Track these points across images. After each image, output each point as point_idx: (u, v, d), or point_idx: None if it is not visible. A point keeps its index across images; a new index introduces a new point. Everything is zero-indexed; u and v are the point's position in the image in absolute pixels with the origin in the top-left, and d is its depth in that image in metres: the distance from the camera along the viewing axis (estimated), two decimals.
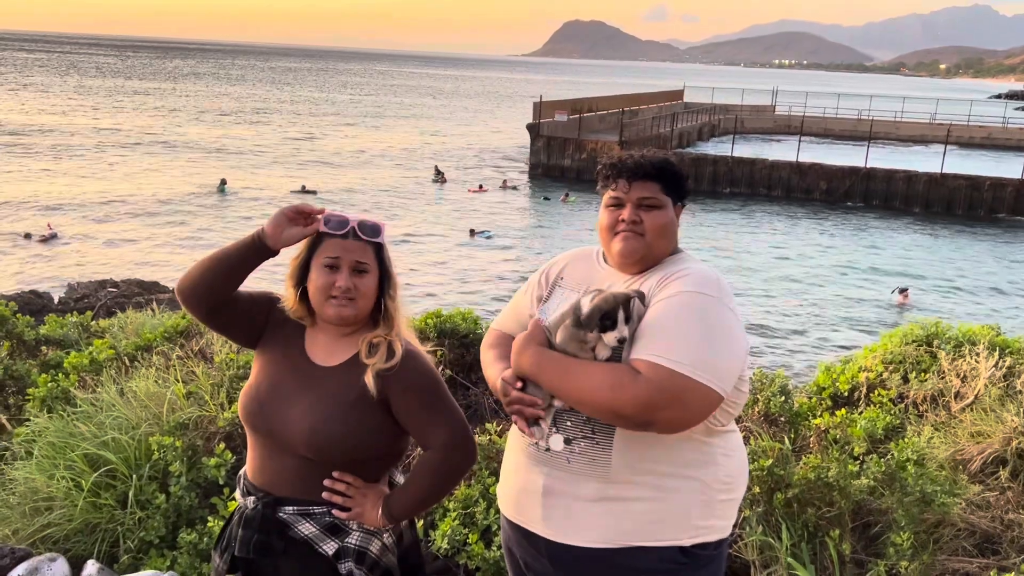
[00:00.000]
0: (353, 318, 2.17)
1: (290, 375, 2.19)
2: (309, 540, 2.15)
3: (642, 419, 1.97)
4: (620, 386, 1.96)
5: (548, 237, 28.67)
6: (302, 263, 2.19)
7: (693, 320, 2.03)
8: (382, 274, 2.20)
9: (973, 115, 66.02)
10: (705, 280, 2.10)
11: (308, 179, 36.41)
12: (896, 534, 3.50)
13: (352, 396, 2.12)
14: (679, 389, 1.95)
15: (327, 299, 2.14)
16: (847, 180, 36.65)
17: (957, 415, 4.33)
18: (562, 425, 2.16)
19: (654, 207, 2.22)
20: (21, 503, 3.80)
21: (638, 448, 2.09)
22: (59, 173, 35.55)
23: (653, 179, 2.23)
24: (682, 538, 2.13)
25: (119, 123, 54.46)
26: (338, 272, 2.14)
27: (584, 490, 2.13)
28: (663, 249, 2.24)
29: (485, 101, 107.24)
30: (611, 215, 2.25)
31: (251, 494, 2.20)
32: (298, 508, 2.15)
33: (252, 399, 2.20)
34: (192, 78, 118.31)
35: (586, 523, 2.14)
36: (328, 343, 2.21)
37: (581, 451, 2.13)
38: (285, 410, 2.14)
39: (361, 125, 64.14)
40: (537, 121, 42.00)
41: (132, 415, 4.09)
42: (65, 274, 20.71)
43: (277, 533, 2.14)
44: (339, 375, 2.16)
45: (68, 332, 5.59)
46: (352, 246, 2.16)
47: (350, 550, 2.15)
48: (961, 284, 25.03)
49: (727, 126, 55.63)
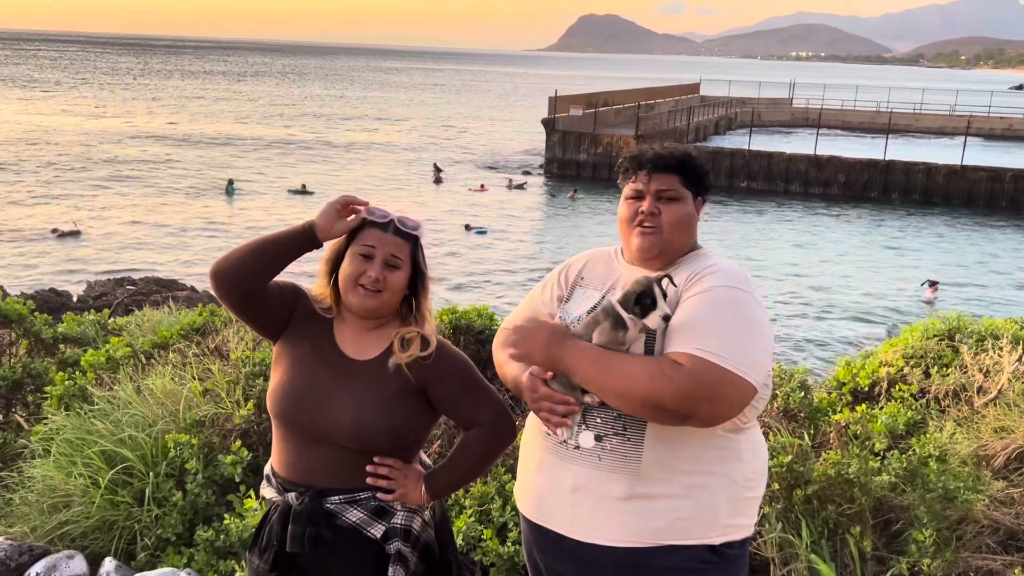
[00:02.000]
0: (376, 310, 2.19)
1: (325, 369, 2.21)
2: (357, 526, 2.18)
3: (682, 411, 1.96)
4: (661, 377, 1.95)
5: (551, 234, 28.70)
6: (340, 249, 2.23)
7: (728, 314, 2.04)
8: (415, 272, 2.23)
9: (994, 106, 65.25)
10: (735, 275, 2.12)
11: (308, 178, 36.30)
12: (918, 531, 3.45)
13: (392, 389, 2.18)
14: (719, 381, 1.95)
15: (354, 287, 2.17)
16: (866, 173, 36.33)
17: (980, 410, 4.27)
18: (592, 421, 2.14)
19: (673, 200, 2.22)
20: (39, 500, 3.82)
21: (669, 444, 2.08)
22: (66, 168, 35.91)
23: (673, 171, 2.23)
24: (712, 536, 2.12)
25: (133, 123, 54.81)
26: (371, 262, 2.17)
27: (614, 488, 2.11)
28: (682, 243, 2.23)
29: (500, 96, 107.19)
30: (630, 207, 2.24)
31: (288, 490, 2.21)
32: (344, 496, 2.17)
33: (286, 395, 2.20)
34: (203, 76, 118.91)
35: (615, 522, 2.11)
36: (356, 336, 2.24)
37: (612, 448, 2.11)
38: (325, 404, 2.16)
39: (370, 120, 64.28)
40: (552, 116, 41.90)
41: (149, 413, 4.10)
42: (89, 269, 20.91)
43: (326, 524, 2.17)
44: (376, 368, 2.19)
45: (85, 330, 5.62)
46: (388, 239, 2.19)
47: (397, 530, 2.20)
48: (982, 278, 24.79)
49: (744, 119, 55.31)
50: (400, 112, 74.41)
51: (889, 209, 34.17)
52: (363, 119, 65.34)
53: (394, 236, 2.20)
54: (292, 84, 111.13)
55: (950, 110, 65.37)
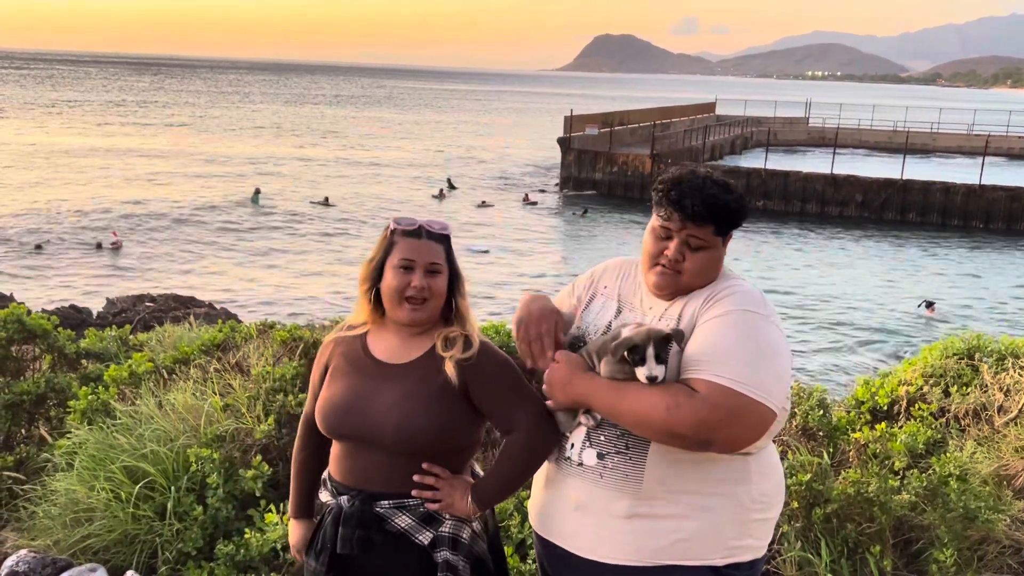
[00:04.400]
0: (426, 319, 2.24)
1: (361, 378, 2.26)
2: (406, 532, 2.21)
3: (700, 438, 1.96)
4: (677, 406, 1.95)
5: (560, 247, 28.83)
6: (377, 265, 2.26)
7: (746, 338, 2.02)
8: (451, 274, 2.27)
9: (1012, 125, 64.87)
10: (752, 298, 2.10)
11: (330, 191, 37.15)
12: (939, 551, 3.44)
13: (433, 389, 2.19)
14: (737, 407, 1.94)
15: (401, 301, 2.21)
16: (883, 192, 36.15)
17: (1000, 429, 4.25)
18: (595, 439, 2.15)
19: (701, 248, 2.15)
20: (62, 514, 3.86)
21: (671, 464, 2.08)
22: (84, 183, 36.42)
23: (708, 222, 2.14)
24: (714, 558, 2.10)
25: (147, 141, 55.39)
26: (412, 273, 2.21)
27: (616, 506, 2.11)
28: (700, 284, 2.18)
29: (516, 115, 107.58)
30: (656, 245, 2.18)
31: (341, 494, 2.26)
32: (393, 501, 2.21)
33: (331, 410, 2.27)
34: (217, 95, 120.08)
35: (616, 539, 2.12)
36: (399, 342, 2.28)
37: (614, 466, 2.12)
38: (367, 410, 2.21)
39: (384, 139, 64.74)
40: (568, 135, 42.04)
41: (170, 427, 4.14)
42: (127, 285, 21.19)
43: (375, 528, 2.20)
44: (417, 370, 2.22)
45: (107, 346, 5.68)
46: (424, 248, 2.23)
47: (445, 538, 2.21)
48: (1000, 295, 24.58)
49: (760, 138, 55.20)
50: (415, 130, 74.88)
51: (907, 229, 33.97)
52: (377, 137, 65.76)
53: (428, 241, 2.24)
54: (303, 102, 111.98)
55: (968, 129, 65.00)
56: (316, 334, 5.20)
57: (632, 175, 39.73)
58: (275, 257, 26.14)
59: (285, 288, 22.41)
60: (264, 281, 23.18)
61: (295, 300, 21.29)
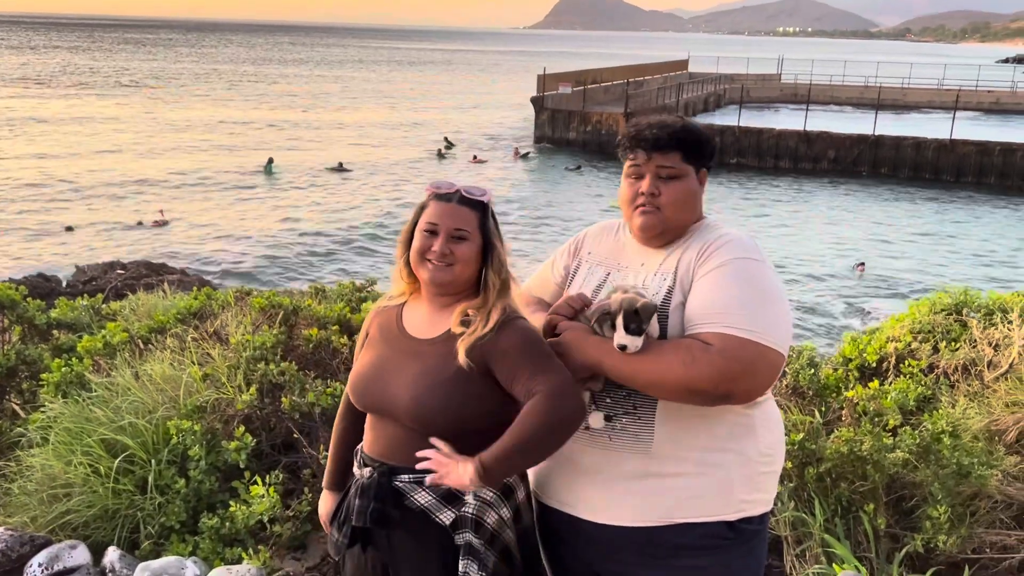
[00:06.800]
0: (451, 284, 2.14)
1: (389, 350, 2.21)
2: (426, 509, 2.11)
3: (719, 392, 1.95)
4: (693, 361, 1.93)
5: (547, 208, 28.78)
6: (409, 229, 2.20)
7: (749, 286, 2.01)
8: (486, 244, 2.16)
9: (981, 79, 65.21)
10: (745, 245, 2.10)
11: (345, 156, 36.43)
12: (932, 507, 3.42)
13: (452, 367, 2.09)
14: (752, 356, 1.94)
15: (422, 261, 2.14)
16: (855, 148, 36.31)
17: (990, 385, 4.24)
18: (601, 402, 2.12)
19: (674, 177, 2.16)
20: (39, 490, 3.74)
21: (680, 422, 2.06)
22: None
23: (673, 148, 2.16)
24: (727, 513, 2.10)
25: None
26: (436, 237, 2.12)
27: (626, 467, 2.09)
28: (685, 220, 2.19)
29: (487, 74, 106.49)
30: (631, 187, 2.20)
31: (367, 465, 2.19)
32: (413, 476, 2.11)
33: (359, 380, 2.24)
34: (174, 56, 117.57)
35: (626, 501, 2.09)
36: (429, 315, 2.20)
37: (623, 427, 2.10)
38: (389, 383, 2.15)
39: (362, 102, 63.73)
40: (541, 94, 41.69)
41: (148, 399, 4.02)
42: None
43: (393, 502, 2.12)
44: (439, 346, 2.13)
45: (79, 316, 5.52)
46: (453, 212, 2.14)
47: (468, 519, 2.10)
48: (972, 251, 24.85)
49: (733, 96, 55.10)
50: (387, 90, 73.87)
51: (879, 184, 34.16)
52: (350, 98, 64.79)
53: (459, 206, 2.15)
54: (269, 64, 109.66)
55: (938, 84, 65.29)
56: (295, 301, 5.08)
57: (606, 134, 39.53)
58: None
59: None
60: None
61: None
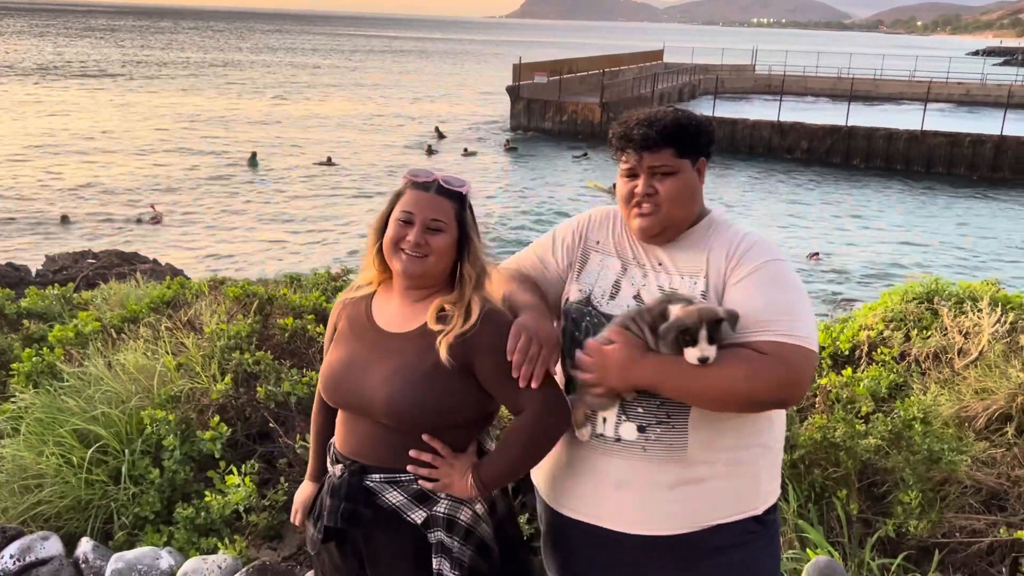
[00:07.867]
0: (423, 276, 2.09)
1: (361, 346, 2.14)
2: (397, 509, 2.09)
3: (778, 399, 1.99)
4: (755, 374, 1.93)
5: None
6: (383, 218, 2.14)
7: (787, 291, 2.04)
8: (461, 236, 2.10)
9: (952, 72, 65.92)
10: (770, 245, 2.11)
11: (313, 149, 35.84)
12: (904, 493, 3.47)
13: (429, 363, 2.04)
14: (805, 362, 1.97)
15: (396, 251, 2.08)
16: (828, 139, 36.59)
17: (961, 372, 4.30)
18: (632, 412, 2.07)
19: (668, 174, 2.11)
20: (9, 481, 3.70)
21: (712, 425, 2.06)
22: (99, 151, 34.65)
23: (664, 145, 2.10)
24: (757, 507, 2.13)
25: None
26: (411, 227, 2.06)
27: (662, 478, 2.06)
28: (686, 216, 2.15)
29: (462, 63, 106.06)
30: (627, 186, 2.15)
31: (339, 462, 2.15)
32: (384, 476, 2.08)
33: (328, 376, 2.18)
34: (141, 43, 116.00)
35: (662, 510, 2.07)
36: (401, 308, 2.14)
37: (657, 437, 2.06)
38: (362, 380, 2.09)
39: (337, 92, 63.15)
40: (516, 83, 41.57)
41: (122, 389, 3.99)
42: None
43: (364, 502, 2.09)
44: (414, 341, 2.08)
45: (50, 305, 5.46)
46: (429, 202, 2.08)
47: (439, 519, 2.08)
48: (942, 239, 25.16)
49: (707, 86, 55.25)
50: (360, 79, 73.31)
51: (851, 174, 34.49)
52: (324, 89, 64.20)
53: (436, 196, 2.08)
54: (240, 52, 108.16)
55: (910, 76, 65.90)
56: (270, 290, 5.05)
57: (582, 123, 39.53)
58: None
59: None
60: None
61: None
